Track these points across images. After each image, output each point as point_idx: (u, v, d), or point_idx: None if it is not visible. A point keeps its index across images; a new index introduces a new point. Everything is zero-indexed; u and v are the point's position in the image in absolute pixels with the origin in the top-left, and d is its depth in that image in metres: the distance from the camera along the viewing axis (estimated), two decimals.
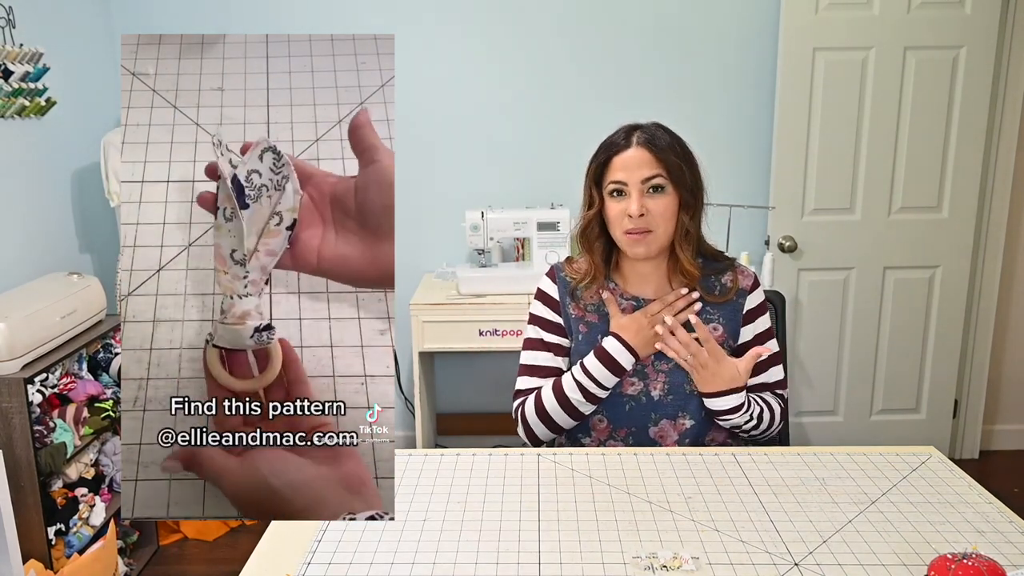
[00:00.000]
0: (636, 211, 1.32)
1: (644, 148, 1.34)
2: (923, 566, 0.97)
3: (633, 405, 1.40)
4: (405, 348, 2.72)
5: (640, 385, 1.39)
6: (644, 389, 1.39)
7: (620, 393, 1.39)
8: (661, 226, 1.35)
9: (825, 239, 2.72)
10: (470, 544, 1.04)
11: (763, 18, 2.70)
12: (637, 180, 1.33)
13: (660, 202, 1.34)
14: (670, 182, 1.34)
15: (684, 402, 1.39)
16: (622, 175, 1.34)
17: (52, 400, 1.96)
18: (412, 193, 2.87)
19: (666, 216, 1.35)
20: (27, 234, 2.32)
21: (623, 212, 1.34)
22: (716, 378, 1.35)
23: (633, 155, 1.34)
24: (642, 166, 1.33)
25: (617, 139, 1.37)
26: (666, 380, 1.39)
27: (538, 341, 1.47)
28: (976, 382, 2.91)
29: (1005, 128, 2.71)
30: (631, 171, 1.34)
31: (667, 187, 1.34)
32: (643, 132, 1.36)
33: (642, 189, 1.34)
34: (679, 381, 1.39)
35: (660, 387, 1.39)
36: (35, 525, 1.87)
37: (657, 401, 1.39)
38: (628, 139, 1.36)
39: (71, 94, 2.48)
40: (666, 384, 1.39)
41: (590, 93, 2.81)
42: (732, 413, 1.36)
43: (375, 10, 2.76)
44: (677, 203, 1.36)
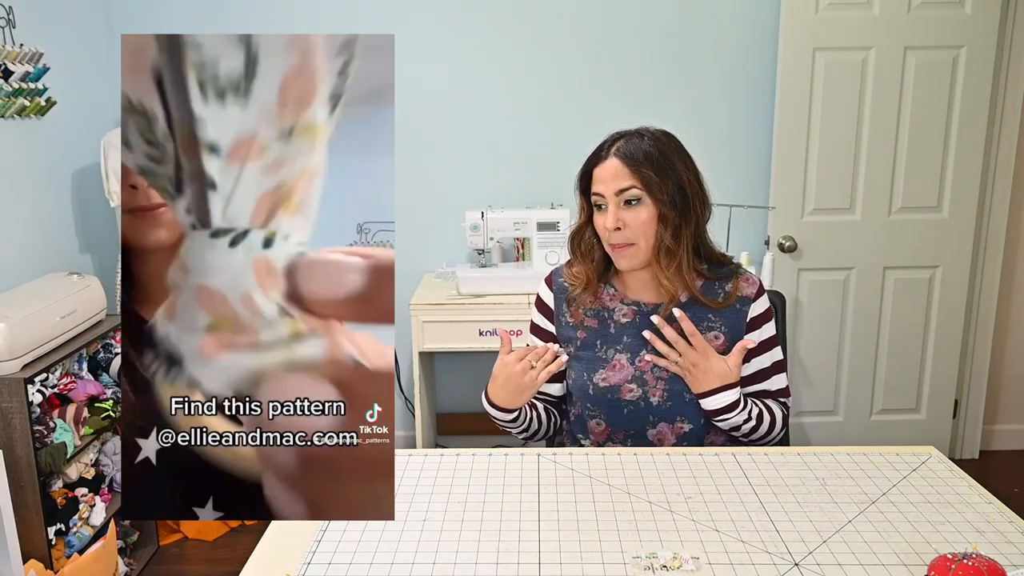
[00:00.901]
0: (611, 225, 1.32)
1: (619, 159, 1.33)
2: (923, 566, 0.97)
3: (631, 410, 1.39)
4: (405, 348, 2.72)
5: (639, 391, 1.39)
6: (643, 395, 1.38)
7: (618, 399, 1.39)
8: (642, 239, 1.34)
9: (825, 239, 2.72)
10: (470, 544, 1.04)
11: (763, 18, 2.70)
12: (612, 192, 1.33)
13: (636, 214, 1.33)
14: (646, 193, 1.32)
15: (683, 407, 1.38)
16: (600, 187, 1.35)
17: (52, 400, 1.96)
18: (412, 193, 2.87)
19: (644, 228, 1.33)
20: (27, 234, 2.32)
21: (604, 225, 1.35)
22: (708, 375, 1.34)
23: (608, 167, 1.34)
24: (616, 178, 1.32)
25: (599, 149, 1.37)
26: (665, 387, 1.38)
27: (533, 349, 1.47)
28: (976, 382, 2.91)
29: (1005, 128, 2.71)
30: (607, 183, 1.33)
31: (643, 198, 1.32)
32: (624, 142, 1.34)
33: (617, 201, 1.33)
34: (679, 389, 1.38)
35: (659, 394, 1.38)
36: (35, 525, 1.87)
37: (656, 407, 1.38)
38: (608, 150, 1.35)
39: (71, 94, 2.48)
40: (665, 391, 1.38)
41: (590, 93, 2.81)
42: (729, 411, 1.35)
43: (375, 10, 2.76)
44: (655, 216, 1.33)
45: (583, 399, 1.42)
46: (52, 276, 2.24)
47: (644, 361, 1.39)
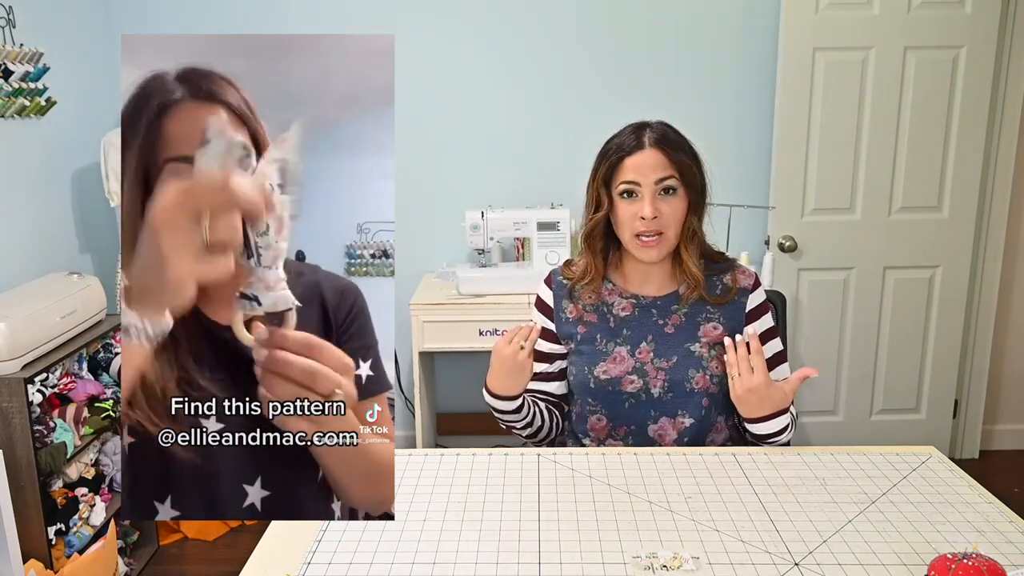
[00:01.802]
0: (650, 213, 1.32)
1: (657, 149, 1.33)
2: (923, 566, 0.97)
3: (632, 402, 1.39)
4: (405, 348, 2.72)
5: (640, 383, 1.39)
6: (644, 386, 1.39)
7: (619, 391, 1.39)
8: (672, 228, 1.35)
9: (825, 239, 2.72)
10: (470, 544, 1.04)
11: (763, 18, 2.70)
12: (651, 182, 1.32)
13: (672, 204, 1.34)
14: (682, 184, 1.34)
15: (684, 400, 1.38)
16: (635, 176, 1.33)
17: (52, 400, 1.96)
18: (412, 193, 2.87)
19: (676, 218, 1.34)
20: (27, 234, 2.32)
21: (635, 214, 1.33)
22: (764, 402, 1.31)
23: (647, 156, 1.33)
24: (656, 168, 1.33)
25: (627, 139, 1.36)
26: (666, 378, 1.38)
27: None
28: (976, 382, 2.91)
29: (1005, 128, 2.71)
30: (644, 173, 1.33)
31: (679, 189, 1.34)
32: (653, 132, 1.35)
33: (655, 191, 1.33)
34: (679, 379, 1.38)
35: (660, 384, 1.38)
36: (35, 525, 1.87)
37: (657, 399, 1.39)
38: (640, 139, 1.34)
39: (71, 94, 2.48)
40: (666, 382, 1.38)
41: (590, 93, 2.81)
42: (777, 435, 1.34)
43: (375, 9, 2.76)
44: (687, 204, 1.35)
45: (584, 394, 1.42)
46: (52, 276, 2.24)
47: (644, 352, 1.40)
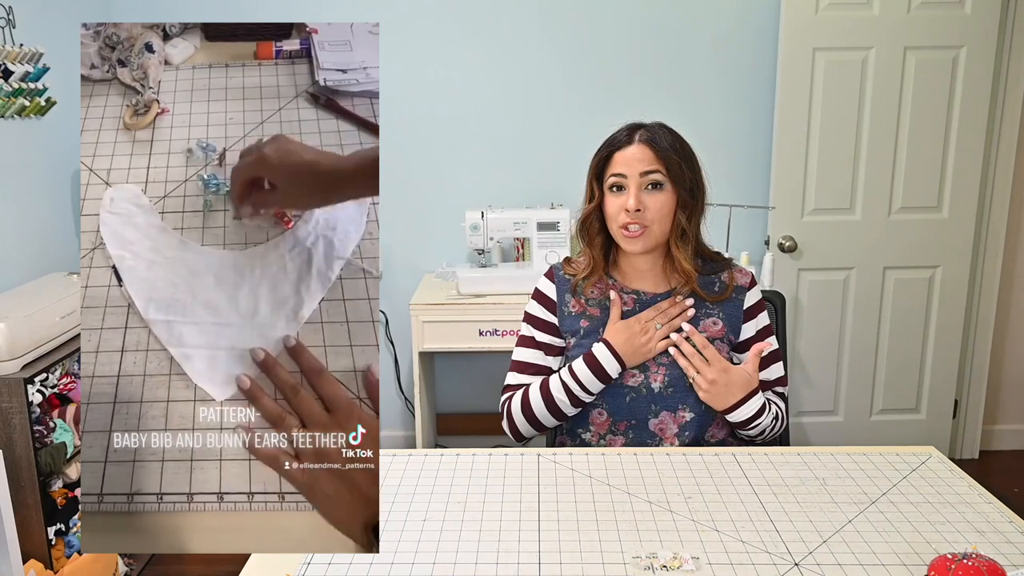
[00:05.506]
0: (633, 205, 1.34)
1: (645, 145, 1.37)
2: (923, 566, 0.97)
3: (634, 396, 1.40)
4: (405, 348, 2.72)
5: (640, 377, 1.40)
6: (645, 381, 1.40)
7: (621, 384, 1.40)
8: (657, 223, 1.37)
9: (825, 239, 2.72)
10: (470, 544, 1.04)
11: (763, 18, 2.70)
12: (636, 174, 1.36)
13: (658, 199, 1.36)
14: (669, 180, 1.36)
15: (684, 395, 1.39)
16: (622, 169, 1.37)
17: (52, 400, 1.96)
18: (412, 193, 2.87)
19: (663, 213, 1.36)
20: (27, 234, 2.32)
21: (621, 207, 1.36)
22: (730, 389, 1.35)
23: (634, 151, 1.37)
24: (642, 161, 1.36)
25: (620, 136, 1.40)
26: (667, 372, 1.39)
27: (530, 339, 1.49)
28: (976, 382, 2.91)
29: (1005, 128, 2.71)
30: (631, 165, 1.36)
31: (665, 184, 1.36)
32: (646, 130, 1.39)
33: (640, 184, 1.36)
34: (679, 373, 1.39)
35: (661, 379, 1.39)
36: (35, 525, 1.87)
37: (658, 393, 1.39)
38: (631, 136, 1.39)
39: (71, 94, 2.48)
40: (667, 376, 1.39)
41: (590, 93, 2.81)
42: (756, 418, 1.37)
43: (374, 8, 2.76)
44: (675, 201, 1.37)
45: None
46: (52, 276, 2.24)
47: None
